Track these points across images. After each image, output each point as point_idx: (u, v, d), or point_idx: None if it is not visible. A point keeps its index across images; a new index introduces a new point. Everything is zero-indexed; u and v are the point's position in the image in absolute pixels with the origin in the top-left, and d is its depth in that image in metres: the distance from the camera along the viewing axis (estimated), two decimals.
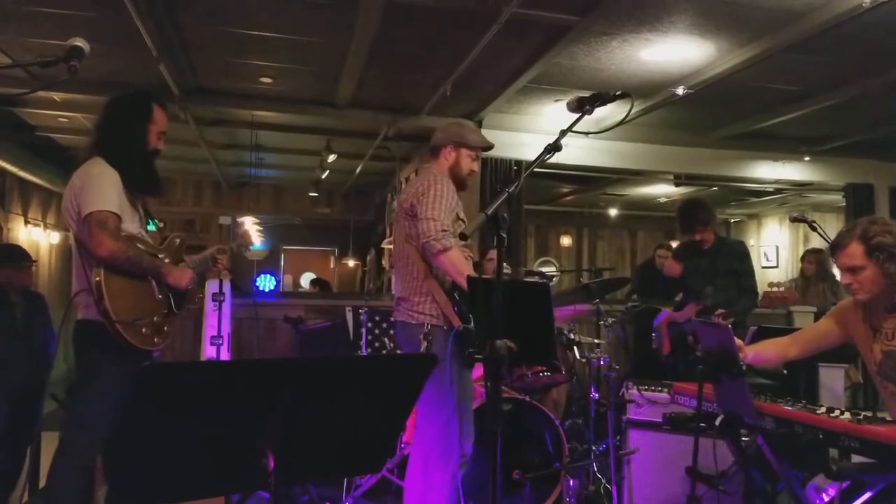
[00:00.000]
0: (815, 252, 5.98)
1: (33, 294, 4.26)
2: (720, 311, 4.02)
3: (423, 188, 2.81)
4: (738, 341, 2.51)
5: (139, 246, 2.70)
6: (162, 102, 2.88)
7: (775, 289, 3.91)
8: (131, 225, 2.71)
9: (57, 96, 5.78)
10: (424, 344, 2.70)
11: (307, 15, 4.13)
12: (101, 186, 2.59)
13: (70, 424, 2.68)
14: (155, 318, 2.70)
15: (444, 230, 2.71)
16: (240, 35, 4.48)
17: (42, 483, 2.71)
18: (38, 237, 8.33)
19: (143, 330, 2.64)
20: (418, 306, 2.80)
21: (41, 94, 5.52)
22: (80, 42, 1.96)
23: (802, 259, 6.11)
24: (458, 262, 2.71)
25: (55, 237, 8.88)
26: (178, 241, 2.98)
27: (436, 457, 2.72)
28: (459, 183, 2.99)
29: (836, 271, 5.99)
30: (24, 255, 4.11)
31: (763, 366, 2.71)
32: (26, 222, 8.00)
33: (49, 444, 2.77)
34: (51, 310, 4.23)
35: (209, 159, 8.55)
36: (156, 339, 2.71)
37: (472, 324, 2.66)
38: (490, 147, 3.09)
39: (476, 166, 3.07)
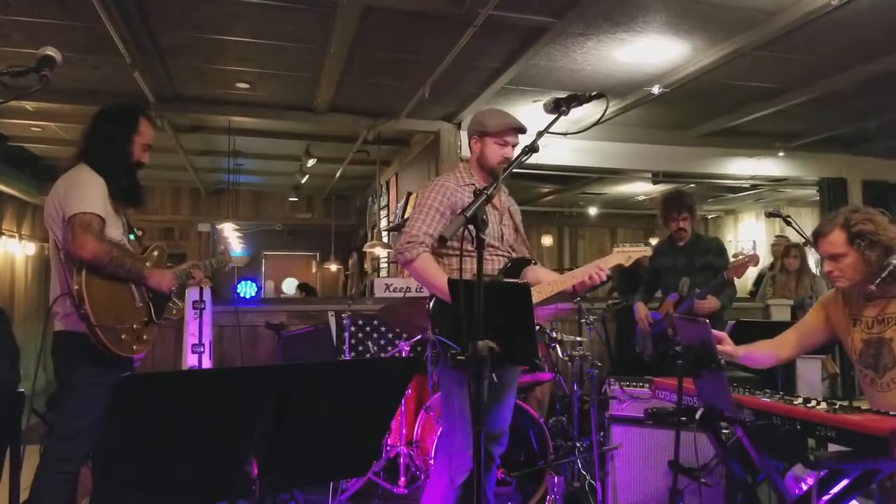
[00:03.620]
0: (796, 246, 6.06)
1: None
2: (697, 290, 4.05)
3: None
4: (727, 341, 2.53)
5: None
6: (150, 116, 2.92)
7: (738, 258, 3.92)
8: (115, 232, 2.71)
9: (30, 106, 5.71)
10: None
11: (284, 20, 4.11)
12: (88, 190, 2.61)
13: (53, 437, 2.65)
14: (135, 326, 2.69)
15: (410, 241, 2.66)
16: (215, 41, 4.45)
17: (23, 497, 2.68)
18: (13, 249, 8.21)
19: (123, 336, 2.63)
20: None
21: (13, 103, 5.45)
22: (51, 51, 1.95)
23: (786, 254, 6.18)
24: (425, 272, 2.64)
25: (31, 248, 8.75)
26: (157, 252, 2.99)
27: (437, 463, 2.73)
28: (494, 174, 2.77)
29: (812, 263, 6.12)
30: None
31: (755, 366, 2.73)
32: (1, 234, 7.88)
33: (30, 457, 2.74)
34: (28, 323, 4.17)
35: (187, 166, 8.49)
36: (135, 347, 2.69)
37: (445, 333, 2.61)
38: (515, 126, 2.81)
39: (508, 152, 2.79)
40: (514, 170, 2.28)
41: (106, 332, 2.55)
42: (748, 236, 11.32)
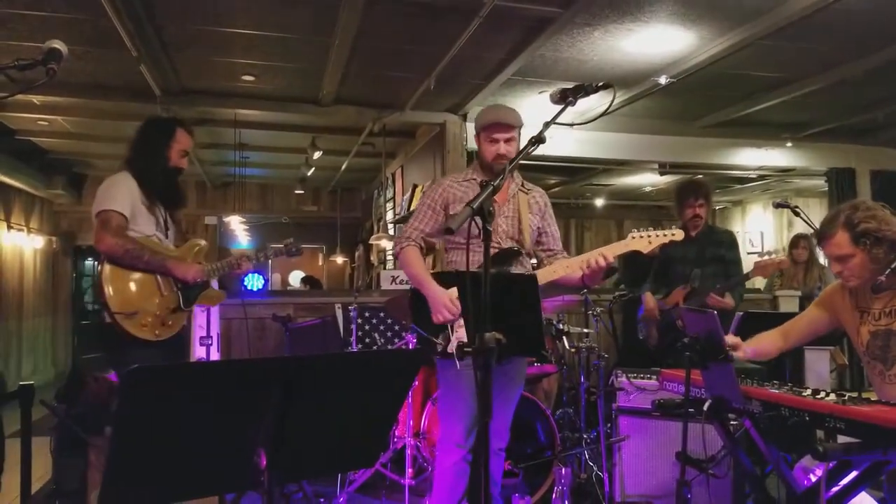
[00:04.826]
0: (804, 237, 6.02)
1: None
2: (717, 286, 4.02)
3: None
4: (736, 338, 2.52)
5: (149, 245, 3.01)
6: (187, 127, 3.24)
7: (766, 257, 3.87)
8: (147, 228, 3.02)
9: (36, 99, 5.72)
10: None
11: (289, 12, 4.10)
12: (113, 191, 2.95)
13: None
14: (157, 313, 2.95)
15: (401, 237, 2.90)
16: (220, 33, 4.45)
17: (34, 489, 2.73)
18: (21, 242, 8.26)
19: (143, 322, 2.90)
20: None
21: (20, 97, 5.45)
22: (57, 44, 1.97)
23: (794, 245, 6.13)
24: (405, 264, 2.85)
25: (39, 241, 8.80)
26: (197, 246, 3.30)
27: (438, 446, 2.85)
28: (490, 170, 2.79)
29: (821, 254, 6.07)
30: None
31: (762, 359, 2.73)
32: (9, 227, 7.92)
33: (41, 447, 2.80)
34: (37, 315, 4.22)
35: (193, 159, 8.49)
36: (157, 332, 2.95)
37: (415, 321, 2.78)
38: (496, 120, 2.77)
39: (499, 147, 2.76)
40: (521, 161, 2.26)
41: (123, 319, 2.83)
42: (756, 227, 11.28)
